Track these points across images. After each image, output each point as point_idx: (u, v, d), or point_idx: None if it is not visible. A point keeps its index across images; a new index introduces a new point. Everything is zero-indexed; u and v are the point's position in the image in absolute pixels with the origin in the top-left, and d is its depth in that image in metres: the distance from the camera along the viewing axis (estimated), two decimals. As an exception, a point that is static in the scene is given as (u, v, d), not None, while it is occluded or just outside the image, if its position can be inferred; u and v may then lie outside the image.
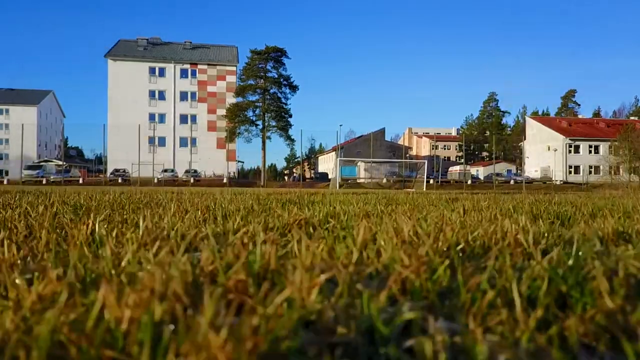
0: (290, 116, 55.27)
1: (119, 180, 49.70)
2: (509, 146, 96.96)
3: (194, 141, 65.41)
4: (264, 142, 54.56)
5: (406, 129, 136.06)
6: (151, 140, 64.40)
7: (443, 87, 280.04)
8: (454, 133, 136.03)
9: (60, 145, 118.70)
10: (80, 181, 48.97)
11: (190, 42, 71.93)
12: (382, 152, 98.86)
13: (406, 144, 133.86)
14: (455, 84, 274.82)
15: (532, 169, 61.78)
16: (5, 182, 47.89)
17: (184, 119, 65.15)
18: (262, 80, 52.92)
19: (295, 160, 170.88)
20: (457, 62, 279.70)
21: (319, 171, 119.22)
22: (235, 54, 70.72)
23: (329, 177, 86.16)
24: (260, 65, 52.69)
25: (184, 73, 65.26)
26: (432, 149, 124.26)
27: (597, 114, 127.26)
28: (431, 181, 54.20)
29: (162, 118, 64.65)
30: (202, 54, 69.04)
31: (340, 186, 39.15)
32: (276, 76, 53.49)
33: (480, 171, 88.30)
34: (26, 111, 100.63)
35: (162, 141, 64.60)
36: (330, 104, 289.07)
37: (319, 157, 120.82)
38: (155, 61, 64.61)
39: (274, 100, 53.18)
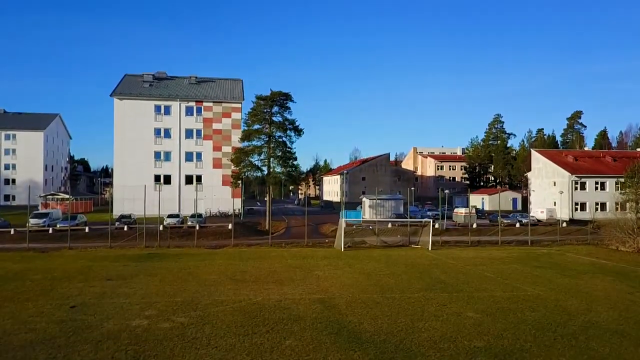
0: (295, 159, 55.39)
1: (125, 229, 49.78)
2: (515, 171, 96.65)
3: (199, 178, 65.66)
4: (269, 188, 54.66)
5: (411, 148, 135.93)
6: (157, 178, 64.84)
7: (449, 105, 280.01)
8: (459, 152, 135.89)
9: (66, 167, 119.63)
10: (86, 230, 49.11)
11: (195, 77, 72.30)
12: (387, 177, 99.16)
13: (411, 163, 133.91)
14: (462, 102, 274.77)
15: (537, 209, 61.48)
16: (12, 231, 47.99)
17: (189, 156, 65.45)
18: (267, 125, 53.06)
19: (300, 176, 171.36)
20: (463, 81, 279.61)
21: (324, 197, 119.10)
22: (240, 88, 70.99)
23: (333, 203, 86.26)
24: (265, 110, 52.84)
25: (189, 110, 65.56)
26: (437, 169, 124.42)
27: (603, 135, 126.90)
28: (436, 225, 53.97)
29: (167, 156, 64.94)
30: (208, 89, 69.35)
31: (345, 243, 39.06)
32: (281, 120, 53.60)
33: (485, 200, 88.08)
34: (33, 136, 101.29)
35: (167, 179, 64.86)
36: (335, 119, 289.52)
37: (324, 178, 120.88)
38: (161, 99, 64.94)
39: (279, 145, 53.28)
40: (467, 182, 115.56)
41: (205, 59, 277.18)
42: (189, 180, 65.31)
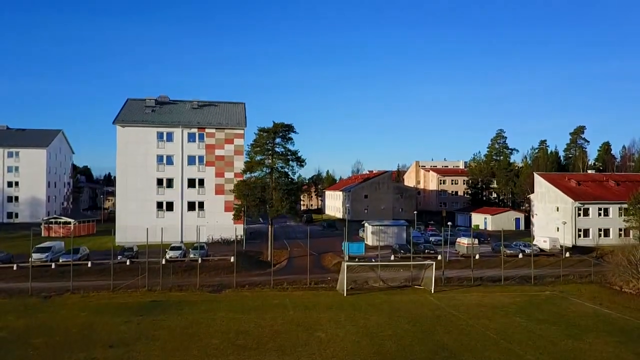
0: (299, 189, 55.34)
1: (127, 263, 49.78)
2: (517, 189, 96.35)
3: (201, 205, 65.67)
4: (271, 222, 54.61)
5: (413, 162, 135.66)
6: (159, 205, 64.86)
7: (453, 118, 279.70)
8: (461, 166, 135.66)
9: (69, 182, 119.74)
10: (89, 264, 49.16)
11: (198, 102, 72.35)
12: (390, 194, 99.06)
13: (413, 177, 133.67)
14: (465, 116, 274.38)
15: (540, 238, 61.25)
16: (14, 267, 48.08)
17: (191, 183, 65.45)
18: (270, 157, 53.06)
19: (303, 186, 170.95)
20: (466, 96, 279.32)
21: (327, 211, 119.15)
22: (243, 112, 71.00)
23: (335, 222, 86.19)
24: (267, 143, 52.84)
25: (191, 137, 65.60)
26: (440, 183, 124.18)
27: (606, 148, 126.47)
28: (439, 257, 53.80)
29: (170, 182, 64.97)
30: (210, 114, 69.37)
31: (348, 285, 38.91)
32: (284, 151, 53.60)
33: (488, 220, 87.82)
34: (36, 154, 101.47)
35: (169, 205, 64.89)
36: (338, 128, 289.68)
37: (327, 192, 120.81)
38: (163, 126, 64.99)
39: (282, 176, 53.26)
40: (470, 197, 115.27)
41: (206, 82, 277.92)
42: (191, 206, 65.33)
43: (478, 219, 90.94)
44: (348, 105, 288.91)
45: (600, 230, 65.19)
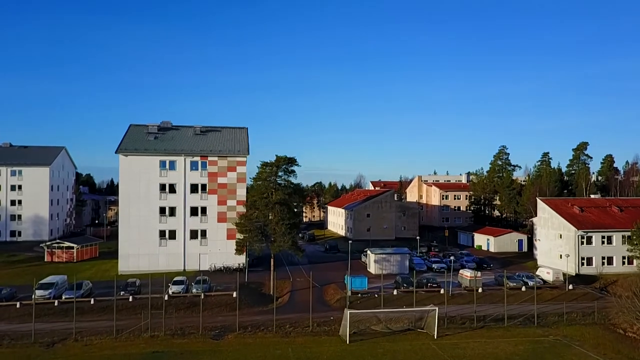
0: (301, 222, 55.25)
1: (130, 300, 49.79)
2: (520, 208, 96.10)
3: (204, 233, 65.73)
4: (273, 257, 54.60)
5: (416, 177, 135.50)
6: (162, 233, 64.94)
7: (456, 132, 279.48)
8: (464, 180, 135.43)
9: (72, 198, 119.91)
10: (92, 302, 49.20)
11: (200, 128, 72.39)
12: (392, 213, 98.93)
13: (415, 191, 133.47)
14: (467, 128, 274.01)
15: (544, 269, 61.10)
16: (17, 305, 48.14)
17: (194, 211, 65.48)
18: (272, 191, 53.05)
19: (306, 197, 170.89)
20: (469, 110, 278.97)
21: (329, 227, 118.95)
22: (245, 139, 70.98)
23: (338, 245, 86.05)
24: (270, 178, 52.82)
25: (194, 165, 65.62)
26: (442, 198, 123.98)
27: (609, 161, 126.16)
28: (441, 291, 53.72)
29: (172, 211, 65.00)
30: (213, 141, 69.39)
31: (351, 329, 38.85)
32: (286, 185, 53.57)
33: (491, 241, 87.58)
34: (39, 172, 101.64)
35: (172, 234, 64.93)
36: (340, 138, 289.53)
37: (329, 207, 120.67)
38: (166, 154, 65.04)
39: (284, 210, 53.21)
40: (472, 213, 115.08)
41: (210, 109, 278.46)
42: (193, 235, 65.35)
43: (481, 240, 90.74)
44: (350, 111, 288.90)
45: (603, 258, 64.98)
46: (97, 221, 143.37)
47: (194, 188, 65.59)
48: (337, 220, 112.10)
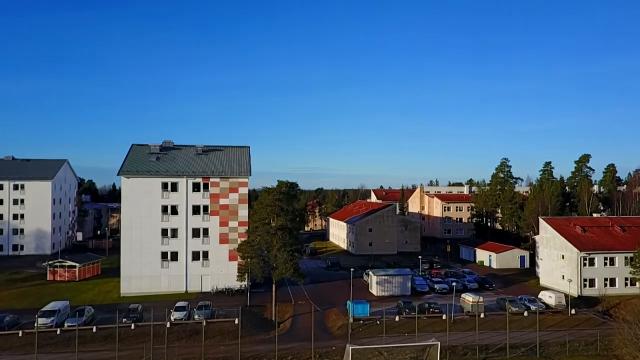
0: (301, 248, 55.38)
1: (132, 327, 49.81)
2: (522, 223, 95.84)
3: (206, 254, 65.79)
4: (275, 285, 54.61)
5: (418, 188, 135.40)
6: (164, 255, 65.00)
7: (458, 140, 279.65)
8: (465, 191, 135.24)
9: (74, 210, 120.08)
10: (94, 330, 49.21)
11: (202, 147, 72.44)
12: (394, 227, 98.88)
13: (417, 202, 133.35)
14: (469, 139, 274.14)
15: (546, 293, 60.93)
16: (20, 334, 48.21)
17: (196, 232, 65.53)
18: (274, 217, 53.06)
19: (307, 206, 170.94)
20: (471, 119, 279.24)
21: (330, 238, 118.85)
22: (247, 158, 71.01)
23: (341, 264, 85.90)
24: (272, 205, 52.83)
25: (196, 187, 65.69)
26: (444, 210, 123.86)
27: (612, 174, 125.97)
28: (443, 316, 53.65)
29: (174, 232, 65.07)
30: (214, 161, 69.40)
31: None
32: (288, 210, 53.58)
33: (493, 258, 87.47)
34: (41, 186, 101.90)
35: (174, 255, 64.99)
36: (341, 149, 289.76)
37: (331, 219, 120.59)
38: (168, 175, 65.11)
39: (286, 235, 53.20)
40: (474, 224, 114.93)
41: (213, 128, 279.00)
42: (195, 256, 65.38)
43: (483, 255, 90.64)
44: (350, 119, 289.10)
45: (606, 279, 64.86)
46: (99, 231, 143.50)
47: (195, 209, 65.66)
48: (339, 233, 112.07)
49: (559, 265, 68.21)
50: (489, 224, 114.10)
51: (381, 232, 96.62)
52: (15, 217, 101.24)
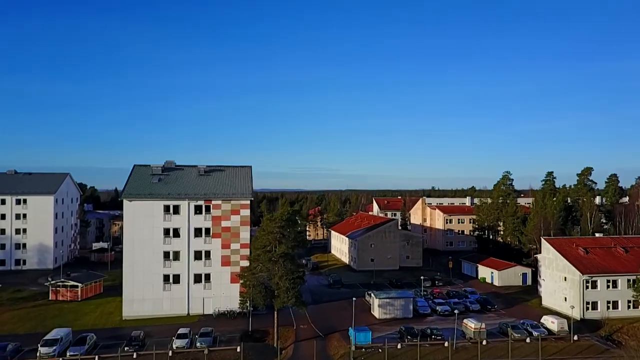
0: (303, 274, 55.52)
1: (134, 356, 49.84)
2: (524, 239, 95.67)
3: (208, 277, 65.85)
4: (278, 314, 54.60)
5: (420, 200, 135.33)
6: (166, 277, 65.04)
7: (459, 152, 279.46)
8: (467, 203, 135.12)
9: (76, 223, 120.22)
10: (96, 359, 49.22)
11: (204, 168, 72.49)
12: (396, 243, 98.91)
13: (420, 214, 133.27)
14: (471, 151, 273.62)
15: (549, 318, 60.69)
16: (23, 364, 48.29)
17: (198, 255, 65.60)
18: (276, 244, 53.09)
19: (309, 216, 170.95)
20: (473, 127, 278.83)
21: (332, 251, 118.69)
22: (249, 179, 71.11)
23: (342, 281, 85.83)
24: (274, 232, 52.86)
25: (198, 209, 65.76)
26: (446, 222, 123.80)
27: (614, 184, 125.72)
28: (446, 343, 53.51)
29: (176, 255, 65.12)
30: (216, 183, 69.45)
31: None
32: (290, 238, 53.59)
33: (495, 275, 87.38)
34: (43, 201, 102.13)
35: (176, 278, 65.05)
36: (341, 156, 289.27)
37: (333, 232, 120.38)
38: (170, 198, 65.17)
39: (288, 263, 53.18)
40: (476, 237, 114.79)
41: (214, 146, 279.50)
42: (197, 279, 65.41)
43: (485, 272, 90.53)
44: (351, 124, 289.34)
45: (608, 302, 64.68)
46: (101, 240, 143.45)
47: (197, 232, 65.72)
48: (340, 246, 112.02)
49: (561, 287, 68.06)
50: (491, 237, 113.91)
51: (383, 248, 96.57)
52: (17, 231, 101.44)
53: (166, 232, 65.02)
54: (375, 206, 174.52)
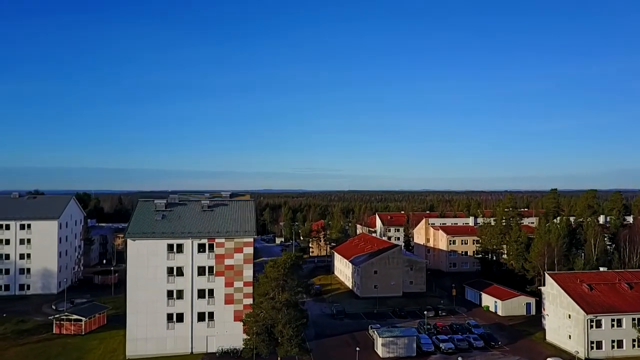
0: (306, 320, 55.48)
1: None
2: (529, 265, 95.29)
3: (211, 315, 65.90)
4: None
5: (423, 220, 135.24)
6: (169, 316, 65.13)
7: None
8: (471, 222, 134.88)
9: (80, 245, 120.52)
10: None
11: (207, 203, 72.54)
12: (399, 269, 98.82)
13: (423, 233, 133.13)
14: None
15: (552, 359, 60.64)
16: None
17: (201, 293, 65.66)
18: (279, 291, 53.10)
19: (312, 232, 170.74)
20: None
21: (335, 272, 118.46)
22: (252, 213, 71.14)
23: (346, 311, 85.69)
24: (277, 278, 52.88)
25: (201, 247, 65.87)
26: (449, 243, 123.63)
27: (618, 202, 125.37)
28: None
29: (180, 294, 65.20)
30: (219, 219, 69.45)
31: None
32: (293, 286, 53.61)
33: (498, 305, 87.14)
34: (47, 226, 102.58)
35: (180, 317, 65.14)
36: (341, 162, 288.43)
37: (336, 254, 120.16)
38: (174, 237, 65.33)
39: (291, 311, 53.17)
40: (479, 260, 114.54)
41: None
42: (201, 317, 65.45)
43: (488, 300, 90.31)
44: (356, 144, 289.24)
45: (613, 341, 64.46)
46: (104, 260, 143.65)
47: (201, 270, 65.80)
48: (344, 269, 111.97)
49: (565, 325, 67.84)
50: (494, 258, 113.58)
51: (386, 274, 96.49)
52: (21, 256, 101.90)
53: (170, 270, 65.12)
54: (378, 221, 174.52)
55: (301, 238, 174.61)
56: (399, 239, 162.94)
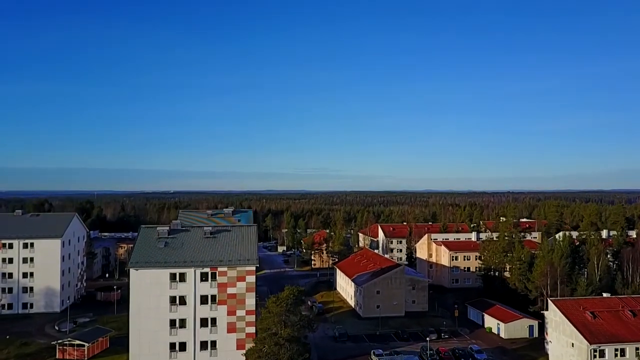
0: (309, 357, 55.44)
1: None
2: (531, 285, 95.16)
3: (214, 344, 66.00)
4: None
5: (425, 236, 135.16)
6: (172, 346, 65.23)
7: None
8: (473, 238, 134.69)
9: (82, 262, 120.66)
10: None
11: (210, 230, 72.73)
12: (402, 289, 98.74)
13: (425, 248, 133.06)
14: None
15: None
16: None
17: (204, 322, 65.81)
18: (282, 326, 53.15)
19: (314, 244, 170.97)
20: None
21: (337, 288, 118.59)
22: (254, 240, 71.35)
23: (348, 333, 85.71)
24: (279, 312, 52.90)
25: (204, 276, 66.03)
26: (452, 259, 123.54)
27: (621, 215, 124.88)
28: None
29: (182, 323, 65.37)
30: (222, 246, 69.66)
31: None
32: (295, 321, 53.64)
33: (501, 327, 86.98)
34: (50, 244, 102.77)
35: (182, 346, 65.28)
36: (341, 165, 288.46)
37: (338, 270, 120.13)
38: (176, 266, 65.48)
39: (294, 347, 53.23)
40: (482, 277, 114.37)
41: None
42: (203, 346, 65.59)
43: (491, 322, 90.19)
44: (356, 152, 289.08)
45: (617, 372, 64.24)
46: (107, 274, 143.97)
47: (203, 299, 65.98)
48: (346, 287, 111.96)
49: (568, 353, 67.68)
50: (496, 274, 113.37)
51: (389, 294, 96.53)
52: (24, 275, 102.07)
53: (172, 300, 65.33)
54: (380, 232, 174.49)
55: (304, 250, 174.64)
56: (401, 250, 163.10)
